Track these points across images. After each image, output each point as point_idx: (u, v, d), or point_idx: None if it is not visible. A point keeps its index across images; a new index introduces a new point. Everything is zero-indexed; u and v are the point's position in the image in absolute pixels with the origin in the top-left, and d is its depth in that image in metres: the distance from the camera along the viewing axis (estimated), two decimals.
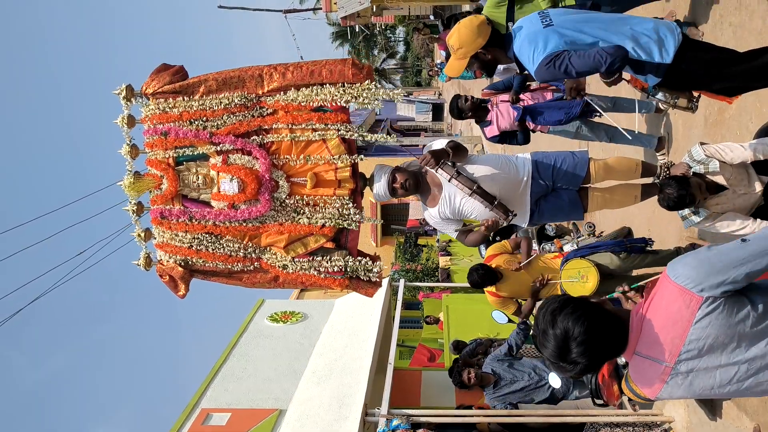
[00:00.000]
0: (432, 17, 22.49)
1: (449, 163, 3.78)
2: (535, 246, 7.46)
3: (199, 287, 3.91)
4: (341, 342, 7.67)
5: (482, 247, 8.90)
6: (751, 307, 1.65)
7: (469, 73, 12.48)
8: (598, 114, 5.00)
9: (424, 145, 17.60)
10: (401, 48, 48.33)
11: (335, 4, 12.87)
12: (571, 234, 7.18)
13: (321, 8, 15.57)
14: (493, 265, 5.10)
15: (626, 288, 2.39)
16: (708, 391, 1.74)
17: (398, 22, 35.95)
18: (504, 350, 5.61)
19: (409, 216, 22.59)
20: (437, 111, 32.35)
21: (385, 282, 9.76)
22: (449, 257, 15.26)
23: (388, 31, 44.12)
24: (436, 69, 14.61)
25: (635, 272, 4.85)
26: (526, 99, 5.23)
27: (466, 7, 15.71)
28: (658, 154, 5.13)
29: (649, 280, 2.86)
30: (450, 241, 15.74)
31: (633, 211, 5.57)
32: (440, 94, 31.57)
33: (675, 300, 1.66)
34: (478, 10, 11.15)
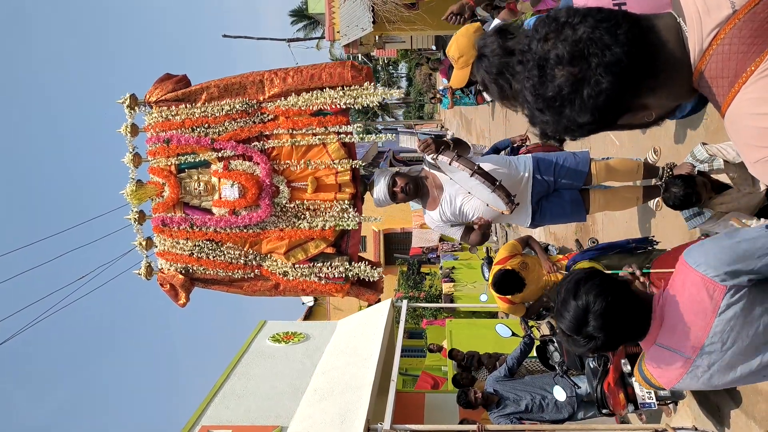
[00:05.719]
0: (434, 48, 22.78)
1: (449, 150, 3.69)
2: None
3: (199, 308, 3.91)
4: (343, 360, 7.62)
5: (485, 270, 8.86)
6: None
7: (470, 99, 12.63)
8: None
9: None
10: (404, 83, 48.85)
11: (338, 32, 13.09)
12: (575, 250, 7.18)
13: (324, 37, 15.83)
14: (508, 268, 5.06)
15: (635, 269, 2.29)
16: (726, 385, 1.66)
17: (400, 57, 36.42)
18: (503, 371, 5.56)
19: (412, 244, 22.57)
20: None
21: (387, 304, 9.72)
22: (452, 284, 15.20)
23: (391, 67, 44.70)
24: (439, 95, 14.79)
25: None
26: None
27: None
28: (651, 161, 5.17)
29: (660, 270, 2.80)
30: (453, 268, 15.68)
31: (636, 218, 5.58)
32: (443, 126, 31.83)
33: (698, 290, 1.55)
34: None
